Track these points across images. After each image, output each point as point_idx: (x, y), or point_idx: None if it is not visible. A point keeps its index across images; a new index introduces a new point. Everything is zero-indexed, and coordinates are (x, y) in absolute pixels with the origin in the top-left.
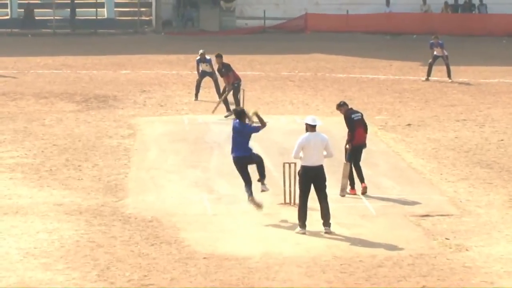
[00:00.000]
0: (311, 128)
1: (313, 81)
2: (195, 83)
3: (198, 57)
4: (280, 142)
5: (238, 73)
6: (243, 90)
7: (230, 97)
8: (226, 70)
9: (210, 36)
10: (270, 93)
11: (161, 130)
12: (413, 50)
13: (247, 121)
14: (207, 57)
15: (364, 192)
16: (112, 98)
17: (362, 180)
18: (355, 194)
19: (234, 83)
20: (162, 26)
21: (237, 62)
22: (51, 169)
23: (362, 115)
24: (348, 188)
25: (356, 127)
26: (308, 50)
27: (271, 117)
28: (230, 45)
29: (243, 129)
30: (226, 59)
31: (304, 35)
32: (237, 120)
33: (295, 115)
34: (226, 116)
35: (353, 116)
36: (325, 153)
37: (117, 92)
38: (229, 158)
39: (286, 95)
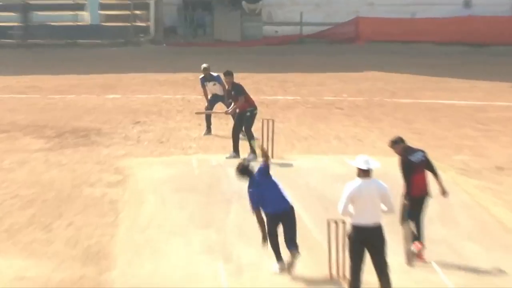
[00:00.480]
0: (363, 173)
1: (367, 108)
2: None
3: (202, 75)
4: (323, 191)
5: (265, 98)
6: (273, 121)
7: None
8: (237, 92)
9: (228, 48)
10: (309, 125)
11: (161, 175)
12: (502, 66)
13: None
14: (214, 73)
15: (419, 255)
16: (95, 132)
17: (418, 238)
18: (424, 260)
19: (246, 111)
20: (164, 34)
21: (265, 83)
22: (10, 230)
23: (425, 155)
24: (413, 246)
25: (415, 172)
26: (360, 66)
27: (310, 157)
28: (255, 60)
29: (260, 176)
30: (249, 78)
31: (355, 46)
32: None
33: (343, 154)
34: (228, 157)
35: (411, 157)
36: (384, 207)
37: (102, 124)
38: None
39: (330, 127)
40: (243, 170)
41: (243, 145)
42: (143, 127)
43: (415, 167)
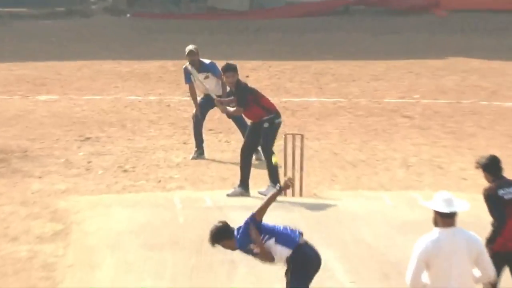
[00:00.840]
0: (444, 219)
1: (452, 116)
2: (192, 122)
3: (187, 64)
4: (381, 249)
5: (290, 100)
6: (302, 137)
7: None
8: (241, 94)
9: (230, 21)
10: (359, 143)
11: (125, 223)
12: None
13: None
14: (205, 60)
15: None
16: (18, 155)
17: None
18: None
19: (264, 120)
20: (128, 0)
21: (289, 77)
22: None
23: None
24: None
25: (509, 214)
26: (441, 50)
27: (361, 194)
28: (273, 41)
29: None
30: (265, 70)
31: (433, 18)
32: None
33: (413, 190)
34: (230, 195)
35: (501, 190)
36: (476, 272)
37: (30, 142)
38: (265, 281)
39: (394, 146)
40: (218, 234)
41: (257, 176)
42: (95, 147)
43: (506, 206)
